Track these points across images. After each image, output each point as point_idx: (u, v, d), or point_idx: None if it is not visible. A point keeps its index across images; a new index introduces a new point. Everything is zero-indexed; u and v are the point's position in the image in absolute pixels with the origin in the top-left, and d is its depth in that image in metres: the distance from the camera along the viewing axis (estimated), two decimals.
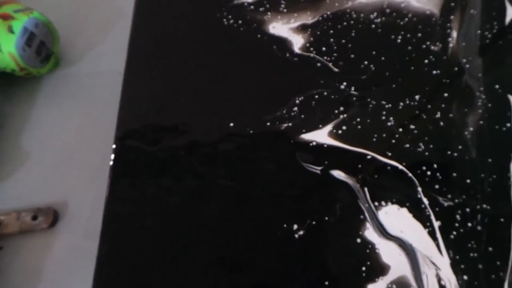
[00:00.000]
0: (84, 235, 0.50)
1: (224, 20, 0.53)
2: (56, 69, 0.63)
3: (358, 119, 0.46)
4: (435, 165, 0.44)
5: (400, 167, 0.44)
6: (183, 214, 0.44)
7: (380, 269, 0.41)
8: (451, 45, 0.50)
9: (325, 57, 0.50)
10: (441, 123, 0.46)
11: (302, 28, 0.52)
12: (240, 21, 0.52)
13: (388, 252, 0.41)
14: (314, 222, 0.41)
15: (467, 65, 0.49)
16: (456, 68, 0.49)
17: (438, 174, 0.43)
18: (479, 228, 0.41)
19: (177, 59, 0.52)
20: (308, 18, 0.53)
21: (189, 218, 0.43)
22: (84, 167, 0.55)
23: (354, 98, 0.47)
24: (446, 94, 0.47)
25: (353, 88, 0.48)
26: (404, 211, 0.42)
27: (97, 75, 0.63)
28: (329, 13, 0.53)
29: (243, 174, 0.44)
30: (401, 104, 0.47)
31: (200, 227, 0.43)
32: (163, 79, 0.51)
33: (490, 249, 0.41)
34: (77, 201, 0.54)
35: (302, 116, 0.47)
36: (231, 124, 0.46)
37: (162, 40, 0.53)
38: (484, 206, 0.42)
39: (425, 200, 0.42)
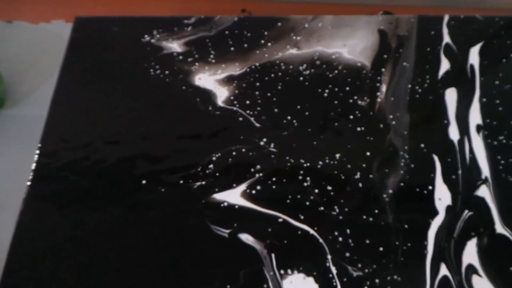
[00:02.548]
0: None
1: (151, 70, 0.52)
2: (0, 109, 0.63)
3: (274, 179, 0.45)
4: (348, 231, 0.42)
5: (312, 231, 0.42)
6: (88, 269, 0.42)
7: None
8: (379, 100, 0.49)
9: (248, 111, 0.49)
10: (360, 185, 0.44)
11: (228, 80, 0.51)
12: (166, 72, 0.52)
13: None
14: None
15: (393, 122, 0.47)
16: (381, 125, 0.47)
17: (350, 241, 0.41)
18: None
19: (100, 107, 0.51)
20: (235, 69, 0.52)
21: (92, 277, 0.42)
22: (15, 213, 0.54)
23: (273, 156, 0.46)
24: (368, 153, 0.46)
25: (272, 145, 0.47)
26: (311, 280, 0.40)
27: (40, 118, 0.62)
28: (257, 64, 0.52)
29: (148, 235, 0.43)
30: (320, 163, 0.45)
31: None
32: (84, 125, 0.50)
33: None
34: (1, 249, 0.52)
35: (217, 174, 0.45)
36: (143, 182, 0.45)
37: (88, 86, 0.52)
38: (395, 277, 0.40)
39: (334, 269, 0.40)
